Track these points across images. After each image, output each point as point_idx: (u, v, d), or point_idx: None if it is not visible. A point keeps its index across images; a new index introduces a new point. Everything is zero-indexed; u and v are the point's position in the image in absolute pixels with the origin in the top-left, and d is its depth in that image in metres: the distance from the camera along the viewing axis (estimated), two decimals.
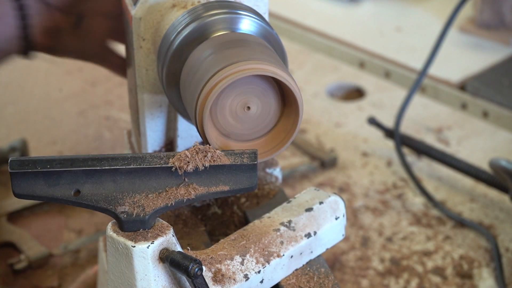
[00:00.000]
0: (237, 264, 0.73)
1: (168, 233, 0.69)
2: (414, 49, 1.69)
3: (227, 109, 0.74)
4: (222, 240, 0.76)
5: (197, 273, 0.67)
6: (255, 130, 0.76)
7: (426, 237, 1.16)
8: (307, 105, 1.47)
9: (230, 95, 0.73)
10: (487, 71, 1.59)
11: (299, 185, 1.29)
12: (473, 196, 1.26)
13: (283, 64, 0.76)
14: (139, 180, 0.70)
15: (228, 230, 0.86)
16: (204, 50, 0.76)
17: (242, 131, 0.76)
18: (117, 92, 1.58)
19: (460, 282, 1.07)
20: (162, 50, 0.80)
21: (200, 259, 0.69)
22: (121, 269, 0.69)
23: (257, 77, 0.73)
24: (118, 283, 0.70)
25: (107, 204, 0.69)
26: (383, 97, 1.56)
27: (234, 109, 0.74)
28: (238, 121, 0.75)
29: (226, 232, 0.86)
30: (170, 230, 0.69)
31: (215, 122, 0.74)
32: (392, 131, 1.33)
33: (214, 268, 0.72)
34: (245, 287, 0.73)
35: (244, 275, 0.73)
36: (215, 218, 0.87)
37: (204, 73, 0.72)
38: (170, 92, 0.80)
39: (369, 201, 1.24)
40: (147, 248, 0.68)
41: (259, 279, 0.74)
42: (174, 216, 0.85)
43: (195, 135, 0.88)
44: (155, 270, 0.69)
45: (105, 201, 0.69)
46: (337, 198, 0.81)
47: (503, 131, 1.43)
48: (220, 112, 0.74)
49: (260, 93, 0.74)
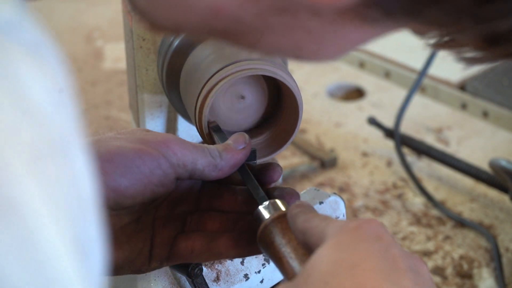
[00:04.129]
0: (237, 264, 0.73)
1: None
2: (414, 49, 1.69)
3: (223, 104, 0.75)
4: None
5: (197, 273, 0.67)
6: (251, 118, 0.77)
7: (426, 237, 1.16)
8: (307, 105, 1.47)
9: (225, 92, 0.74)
10: (487, 71, 1.58)
11: (299, 185, 1.29)
12: (473, 196, 1.25)
13: (283, 64, 0.76)
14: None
15: None
16: (204, 50, 0.76)
17: (238, 121, 0.76)
18: (117, 92, 1.58)
19: (460, 282, 1.07)
20: (162, 50, 0.80)
21: None
22: None
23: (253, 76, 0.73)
24: (118, 283, 0.70)
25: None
26: (383, 97, 1.56)
27: (230, 100, 0.75)
28: (234, 111, 0.75)
29: None
30: None
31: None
32: (392, 131, 1.33)
33: (214, 268, 0.72)
34: (245, 287, 0.73)
35: (244, 275, 0.73)
36: None
37: (204, 73, 0.72)
38: (170, 92, 0.80)
39: (369, 201, 1.24)
40: None
41: (259, 279, 0.74)
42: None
43: (195, 135, 0.88)
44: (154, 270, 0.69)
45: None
46: (337, 198, 0.81)
47: (503, 131, 1.43)
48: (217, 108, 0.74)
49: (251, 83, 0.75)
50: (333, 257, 0.51)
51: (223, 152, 0.65)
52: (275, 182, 0.67)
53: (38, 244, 0.32)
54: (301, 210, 0.59)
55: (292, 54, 0.46)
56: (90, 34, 1.86)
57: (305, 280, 0.51)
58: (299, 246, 0.58)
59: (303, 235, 0.57)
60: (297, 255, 0.57)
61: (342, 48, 0.45)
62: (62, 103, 0.35)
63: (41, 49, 0.35)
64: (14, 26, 0.34)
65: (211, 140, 0.72)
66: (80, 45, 1.79)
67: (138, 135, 0.64)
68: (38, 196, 0.33)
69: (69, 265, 0.34)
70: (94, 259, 0.36)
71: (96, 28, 1.89)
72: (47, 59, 0.36)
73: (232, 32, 0.44)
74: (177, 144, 0.63)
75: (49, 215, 0.33)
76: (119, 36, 1.62)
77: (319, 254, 0.53)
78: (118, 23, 1.06)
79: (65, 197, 0.34)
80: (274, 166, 0.67)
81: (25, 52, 0.34)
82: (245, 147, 0.66)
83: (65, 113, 0.36)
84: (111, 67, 1.69)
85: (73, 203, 0.35)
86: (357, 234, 0.53)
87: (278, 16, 0.42)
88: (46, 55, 0.36)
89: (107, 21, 1.93)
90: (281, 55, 0.46)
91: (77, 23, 1.92)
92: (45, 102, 0.34)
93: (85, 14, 1.98)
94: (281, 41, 0.44)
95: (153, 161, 0.61)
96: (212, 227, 0.66)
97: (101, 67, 1.69)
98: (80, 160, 0.36)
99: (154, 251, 0.65)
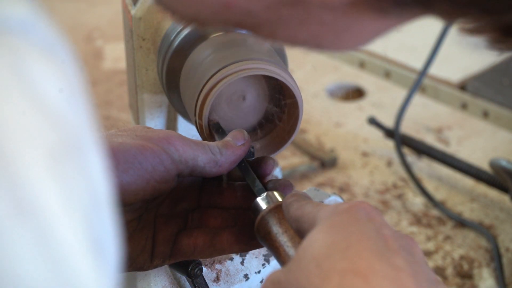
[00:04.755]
0: (237, 264, 0.73)
1: None
2: (414, 49, 1.69)
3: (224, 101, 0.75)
4: None
5: (197, 273, 0.67)
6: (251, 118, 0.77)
7: (426, 237, 1.16)
8: (307, 105, 1.47)
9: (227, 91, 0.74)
10: (487, 71, 1.58)
11: (299, 185, 1.29)
12: (473, 196, 1.25)
13: (283, 64, 0.76)
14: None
15: None
16: (204, 50, 0.76)
17: (238, 121, 0.76)
18: (117, 92, 1.58)
19: (460, 282, 1.07)
20: (162, 50, 0.80)
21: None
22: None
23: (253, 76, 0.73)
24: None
25: None
26: (383, 97, 1.56)
27: (230, 99, 0.75)
28: (234, 111, 0.75)
29: None
30: None
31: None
32: (392, 131, 1.33)
33: (214, 268, 0.72)
34: (245, 287, 0.73)
35: (244, 275, 0.73)
36: None
37: (204, 73, 0.72)
38: (170, 92, 0.80)
39: (369, 201, 1.24)
40: None
41: (259, 279, 0.74)
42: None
43: (195, 135, 0.88)
44: (154, 270, 0.69)
45: None
46: (337, 198, 0.81)
47: (503, 131, 1.43)
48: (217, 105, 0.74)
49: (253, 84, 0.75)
50: (325, 240, 0.51)
51: (223, 148, 0.65)
52: (270, 174, 0.67)
53: (56, 244, 0.33)
54: (295, 199, 0.60)
55: (311, 44, 0.46)
56: (90, 34, 1.86)
57: (297, 264, 0.51)
58: (295, 235, 0.58)
59: (296, 223, 0.58)
60: (294, 243, 0.57)
61: (360, 39, 0.46)
62: (76, 101, 0.36)
63: (55, 48, 0.36)
64: (28, 26, 0.35)
65: (212, 139, 0.72)
66: (80, 45, 1.79)
67: (140, 132, 0.64)
68: (56, 197, 0.33)
69: (85, 264, 0.34)
70: (109, 257, 0.36)
71: (96, 28, 1.89)
72: (61, 58, 0.36)
73: (247, 24, 0.45)
74: (178, 140, 0.63)
75: (66, 215, 0.33)
76: (119, 36, 1.62)
77: (310, 237, 0.53)
78: (118, 23, 1.06)
79: (82, 196, 0.35)
80: (266, 160, 0.68)
81: (39, 52, 0.35)
82: (244, 144, 0.66)
83: (80, 111, 0.36)
84: (111, 67, 1.69)
85: (89, 202, 0.35)
86: (348, 216, 0.53)
87: (289, 9, 0.43)
88: (60, 55, 0.36)
89: (107, 21, 1.93)
90: (302, 46, 0.46)
91: (77, 23, 1.92)
92: (60, 101, 0.35)
93: (85, 14, 1.98)
94: (297, 33, 0.45)
95: (155, 157, 0.62)
96: (213, 223, 0.67)
97: (101, 67, 1.69)
98: (95, 158, 0.37)
99: (156, 248, 0.65)
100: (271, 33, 0.46)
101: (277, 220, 0.60)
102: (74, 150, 0.35)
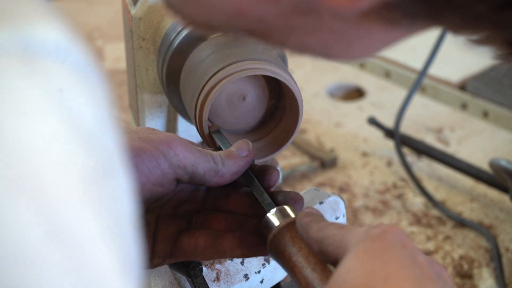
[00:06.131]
0: (237, 264, 0.73)
1: None
2: (414, 49, 1.69)
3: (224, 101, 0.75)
4: None
5: (197, 273, 0.67)
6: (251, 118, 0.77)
7: (426, 237, 1.16)
8: (307, 105, 1.47)
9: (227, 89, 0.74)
10: (487, 71, 1.58)
11: (299, 185, 1.29)
12: (473, 196, 1.25)
13: (283, 64, 0.76)
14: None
15: None
16: (204, 50, 0.76)
17: (238, 121, 0.76)
18: (117, 92, 1.57)
19: (460, 282, 1.07)
20: (162, 50, 0.80)
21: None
22: None
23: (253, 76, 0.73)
24: None
25: None
26: (383, 97, 1.56)
27: (230, 99, 0.75)
28: (234, 111, 0.75)
29: None
30: None
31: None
32: (392, 131, 1.33)
33: (214, 268, 0.72)
34: (245, 287, 0.73)
35: (244, 275, 0.73)
36: None
37: (204, 73, 0.72)
38: (170, 92, 0.80)
39: (369, 201, 1.24)
40: None
41: (259, 279, 0.74)
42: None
43: (195, 135, 0.88)
44: (155, 270, 0.69)
45: None
46: (337, 198, 0.81)
47: (503, 131, 1.43)
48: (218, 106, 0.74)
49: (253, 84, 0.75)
50: (363, 268, 0.51)
51: (226, 158, 0.65)
52: (274, 185, 0.67)
53: (91, 268, 0.33)
54: (312, 219, 0.59)
55: (320, 53, 0.46)
56: (90, 34, 1.86)
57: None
58: (310, 254, 0.58)
59: (319, 244, 0.57)
60: (308, 263, 0.57)
61: (369, 49, 0.46)
62: (107, 124, 0.37)
63: (87, 72, 0.36)
64: (62, 50, 0.35)
65: (211, 140, 0.72)
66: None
67: (143, 134, 0.64)
68: (92, 221, 0.34)
69: (119, 287, 0.35)
70: (136, 276, 0.37)
71: (96, 28, 1.89)
72: (93, 82, 0.37)
73: (258, 31, 0.45)
74: (180, 145, 0.63)
75: (102, 239, 0.34)
76: (119, 36, 1.62)
77: (346, 265, 0.52)
78: (118, 23, 1.06)
79: (114, 218, 0.35)
80: (271, 171, 0.67)
81: (73, 76, 0.35)
82: (248, 155, 0.66)
83: (110, 134, 0.37)
84: (111, 67, 1.69)
85: (121, 224, 0.36)
86: (382, 242, 0.53)
87: (301, 17, 0.43)
88: (92, 78, 0.37)
89: (107, 21, 1.93)
90: (311, 54, 0.47)
91: (77, 23, 1.92)
92: (94, 125, 0.35)
93: (85, 14, 1.98)
94: (308, 41, 0.45)
95: (152, 160, 0.62)
96: (217, 226, 0.66)
97: (101, 67, 1.69)
98: (124, 181, 0.37)
99: (157, 247, 0.65)
100: (282, 40, 0.46)
101: (290, 238, 0.59)
102: (108, 174, 0.35)
